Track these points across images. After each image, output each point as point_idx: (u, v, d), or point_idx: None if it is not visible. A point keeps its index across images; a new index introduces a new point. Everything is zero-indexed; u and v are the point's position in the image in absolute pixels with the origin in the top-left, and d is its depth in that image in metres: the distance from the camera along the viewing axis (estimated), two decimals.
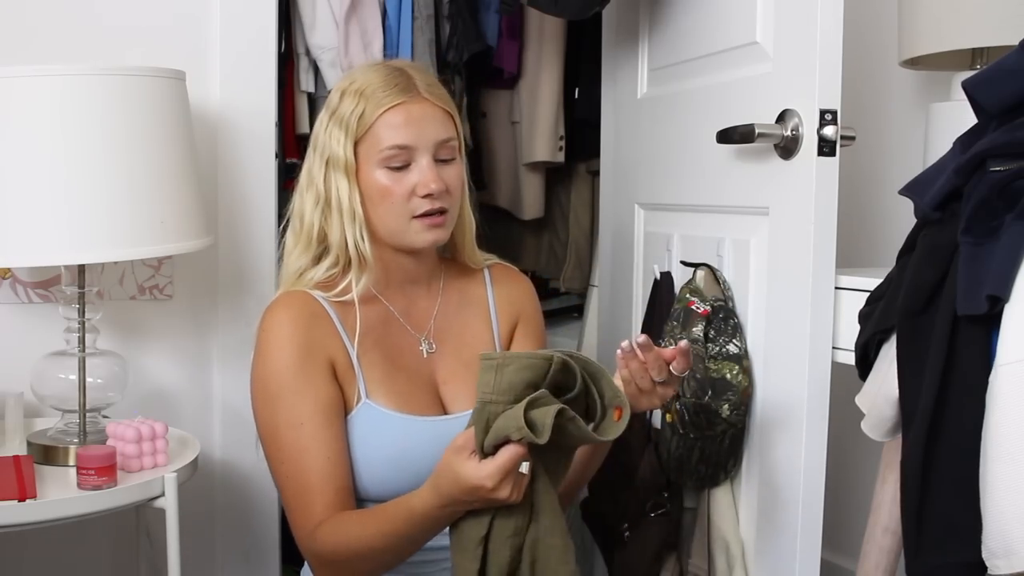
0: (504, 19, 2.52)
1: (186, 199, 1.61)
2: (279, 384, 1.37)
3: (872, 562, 1.37)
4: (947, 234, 1.16)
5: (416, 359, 1.47)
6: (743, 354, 1.55)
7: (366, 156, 1.41)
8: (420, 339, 1.48)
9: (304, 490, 1.35)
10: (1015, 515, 1.02)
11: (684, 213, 1.79)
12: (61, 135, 1.49)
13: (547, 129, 2.63)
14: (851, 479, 1.94)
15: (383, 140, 1.40)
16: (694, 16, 1.75)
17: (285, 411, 1.36)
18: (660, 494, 1.64)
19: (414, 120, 1.40)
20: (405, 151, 1.40)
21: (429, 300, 1.52)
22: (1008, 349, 1.04)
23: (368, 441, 1.38)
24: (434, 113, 1.42)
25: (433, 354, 1.48)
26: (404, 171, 1.40)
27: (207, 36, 1.91)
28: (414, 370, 1.46)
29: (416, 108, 1.41)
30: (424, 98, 1.42)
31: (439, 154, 1.42)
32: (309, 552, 1.36)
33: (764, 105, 1.50)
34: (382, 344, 1.44)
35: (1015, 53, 1.14)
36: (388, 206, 1.41)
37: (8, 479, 1.44)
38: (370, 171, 1.41)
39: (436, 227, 1.42)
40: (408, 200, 1.40)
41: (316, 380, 1.37)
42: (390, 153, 1.39)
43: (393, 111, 1.40)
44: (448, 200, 1.42)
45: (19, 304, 1.83)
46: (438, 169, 1.41)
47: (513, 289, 1.59)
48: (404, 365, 1.45)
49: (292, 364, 1.37)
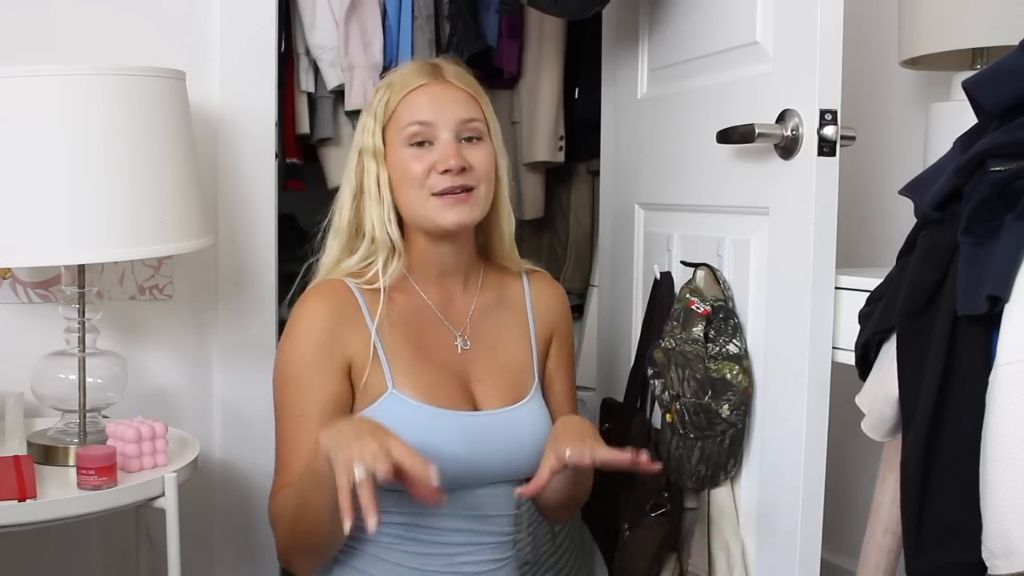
0: (504, 19, 2.52)
1: (186, 199, 1.61)
2: (293, 372, 1.39)
3: (872, 562, 1.37)
4: (947, 234, 1.16)
5: (449, 354, 1.47)
6: (743, 354, 1.55)
7: (393, 139, 1.43)
8: (456, 334, 1.48)
9: (285, 470, 1.38)
10: (1015, 515, 1.02)
11: (684, 213, 1.79)
12: (61, 135, 1.49)
13: (547, 129, 2.63)
14: (851, 479, 1.94)
15: (404, 119, 1.42)
16: (694, 16, 1.75)
17: (291, 399, 1.39)
18: (660, 494, 1.63)
19: (435, 98, 1.43)
20: (426, 127, 1.41)
21: (467, 296, 1.51)
22: (1008, 349, 1.04)
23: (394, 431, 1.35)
24: (457, 94, 1.44)
25: (467, 351, 1.48)
26: (427, 149, 1.41)
27: (207, 36, 1.91)
28: (445, 364, 1.45)
29: (438, 88, 1.44)
30: (447, 81, 1.45)
31: (463, 132, 1.43)
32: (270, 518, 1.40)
33: (764, 105, 1.50)
34: (413, 335, 1.44)
35: (1015, 53, 1.14)
36: (410, 184, 1.42)
37: (8, 479, 1.44)
38: (396, 152, 1.43)
39: (458, 204, 1.41)
40: (428, 177, 1.41)
41: (326, 377, 1.38)
42: (411, 130, 1.41)
43: (415, 92, 1.43)
44: (472, 178, 1.42)
45: (19, 304, 1.82)
46: (463, 148, 1.42)
47: (552, 301, 1.59)
48: (435, 358, 1.45)
49: (308, 355, 1.38)
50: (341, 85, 2.32)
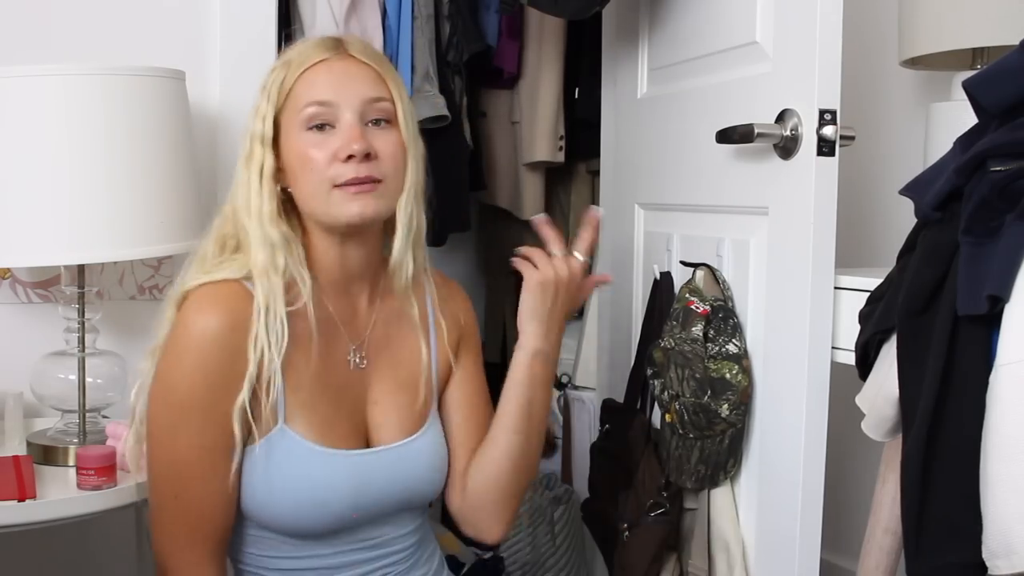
0: (504, 19, 2.52)
1: (186, 199, 1.61)
2: (189, 396, 1.22)
3: (872, 562, 1.37)
4: (947, 234, 1.16)
5: (344, 372, 1.34)
6: (743, 354, 1.55)
7: (288, 124, 1.28)
8: (351, 349, 1.35)
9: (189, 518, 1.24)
10: (1016, 515, 1.02)
11: (684, 213, 1.79)
12: (61, 135, 1.49)
13: (547, 129, 2.63)
14: (851, 479, 1.94)
15: (302, 99, 1.27)
16: (694, 16, 1.75)
17: (191, 429, 1.22)
18: (660, 494, 1.63)
19: (336, 75, 1.27)
20: (326, 108, 1.26)
21: (370, 305, 1.38)
22: (1008, 349, 1.04)
23: (280, 470, 1.25)
24: (361, 70, 1.29)
25: (363, 369, 1.35)
26: (328, 134, 1.26)
27: (207, 36, 1.91)
28: (342, 388, 1.33)
29: (339, 64, 1.28)
30: (351, 55, 1.29)
31: (368, 115, 1.27)
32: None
33: (763, 105, 1.50)
34: (312, 355, 1.29)
35: (1015, 53, 1.13)
36: (308, 174, 1.25)
37: (8, 479, 1.44)
38: (292, 138, 1.27)
39: (362, 195, 1.24)
40: (329, 166, 1.25)
41: (228, 402, 1.21)
42: (309, 112, 1.26)
43: (313, 68, 1.28)
44: (379, 168, 1.26)
45: (19, 304, 1.82)
46: (368, 133, 1.27)
47: (456, 304, 1.49)
48: (331, 380, 1.31)
49: (209, 377, 1.21)
50: None
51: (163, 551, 1.27)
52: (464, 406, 1.48)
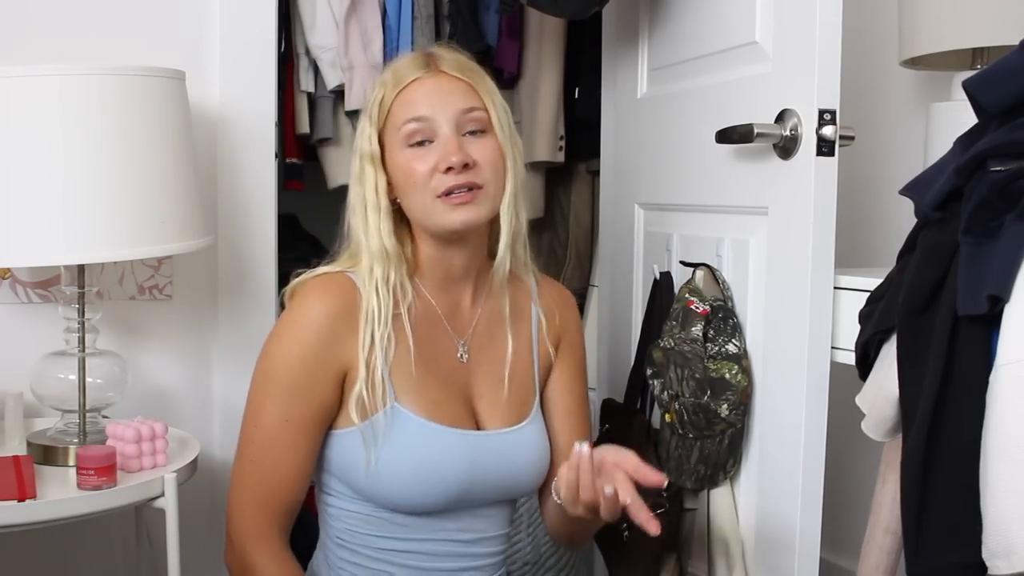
0: (504, 19, 2.52)
1: (186, 199, 1.60)
2: (285, 372, 1.33)
3: (872, 562, 1.37)
4: (947, 234, 1.16)
5: (451, 365, 1.41)
6: (742, 354, 1.55)
7: (391, 142, 1.36)
8: (459, 344, 1.42)
9: (261, 484, 1.34)
10: (1015, 515, 1.02)
11: (684, 213, 1.79)
12: (61, 135, 1.49)
13: (547, 129, 2.63)
14: (851, 479, 1.94)
15: (400, 117, 1.35)
16: (694, 16, 1.75)
17: (279, 401, 1.33)
18: (660, 494, 1.63)
19: (429, 92, 1.35)
20: (424, 124, 1.33)
21: (473, 303, 1.44)
22: (1008, 349, 1.04)
23: (396, 447, 1.32)
24: (453, 84, 1.36)
25: (469, 362, 1.42)
26: (428, 148, 1.33)
27: (207, 36, 1.91)
28: (449, 377, 1.40)
29: (431, 81, 1.36)
30: (442, 71, 1.37)
31: (464, 126, 1.34)
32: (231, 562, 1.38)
33: (763, 105, 1.50)
34: (418, 344, 1.37)
35: (1015, 53, 1.14)
36: (413, 188, 1.34)
37: (8, 479, 1.44)
38: (395, 155, 1.35)
39: (464, 205, 1.32)
40: (431, 178, 1.32)
41: (320, 384, 1.33)
42: (408, 129, 1.34)
43: (409, 87, 1.36)
44: (478, 175, 1.33)
45: (19, 304, 1.82)
46: (466, 143, 1.34)
47: (561, 310, 1.52)
48: (438, 370, 1.39)
49: (305, 358, 1.32)
50: (341, 85, 2.32)
51: (231, 513, 1.37)
52: (562, 416, 1.51)
